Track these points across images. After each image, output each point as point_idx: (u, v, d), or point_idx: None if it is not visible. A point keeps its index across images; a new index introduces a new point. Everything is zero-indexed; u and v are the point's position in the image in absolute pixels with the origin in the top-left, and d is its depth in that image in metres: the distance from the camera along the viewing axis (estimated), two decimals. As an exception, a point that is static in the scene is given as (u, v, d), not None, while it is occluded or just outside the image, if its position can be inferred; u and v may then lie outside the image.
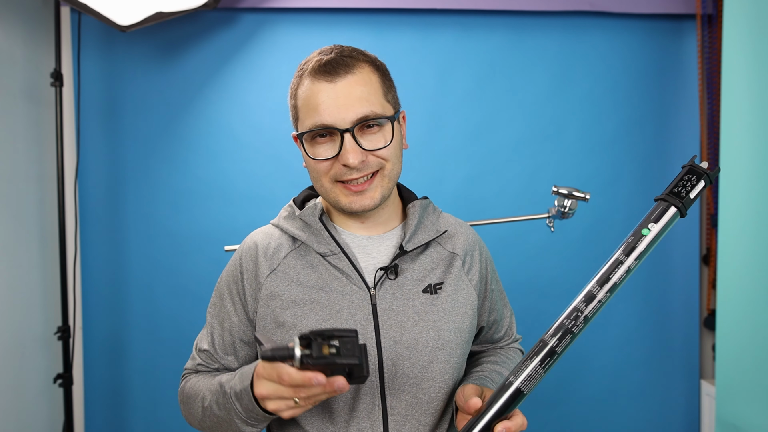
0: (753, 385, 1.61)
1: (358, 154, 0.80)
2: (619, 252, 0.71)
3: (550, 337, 0.71)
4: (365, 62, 0.84)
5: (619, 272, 0.70)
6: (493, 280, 1.00)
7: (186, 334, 2.08)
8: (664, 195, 0.71)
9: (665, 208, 0.70)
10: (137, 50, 2.06)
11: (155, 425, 2.10)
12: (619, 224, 2.15)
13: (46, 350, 2.01)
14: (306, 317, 0.84)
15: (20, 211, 1.91)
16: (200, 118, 2.08)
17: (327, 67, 0.81)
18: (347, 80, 0.80)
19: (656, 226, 0.70)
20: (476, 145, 2.11)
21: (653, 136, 2.16)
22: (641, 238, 0.70)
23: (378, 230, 0.92)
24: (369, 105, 0.80)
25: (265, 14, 2.07)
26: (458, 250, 0.94)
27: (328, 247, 0.87)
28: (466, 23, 2.10)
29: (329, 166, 0.83)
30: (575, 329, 0.71)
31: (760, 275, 1.58)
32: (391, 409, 0.84)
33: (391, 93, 0.87)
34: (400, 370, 0.84)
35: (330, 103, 0.80)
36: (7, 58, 1.86)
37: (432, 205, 0.97)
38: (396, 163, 0.86)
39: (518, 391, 0.70)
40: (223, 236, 2.07)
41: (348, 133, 0.80)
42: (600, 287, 0.71)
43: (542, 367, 0.70)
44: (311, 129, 0.81)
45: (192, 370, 0.96)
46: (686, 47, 2.14)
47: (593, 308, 0.71)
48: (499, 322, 1.04)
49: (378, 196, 0.84)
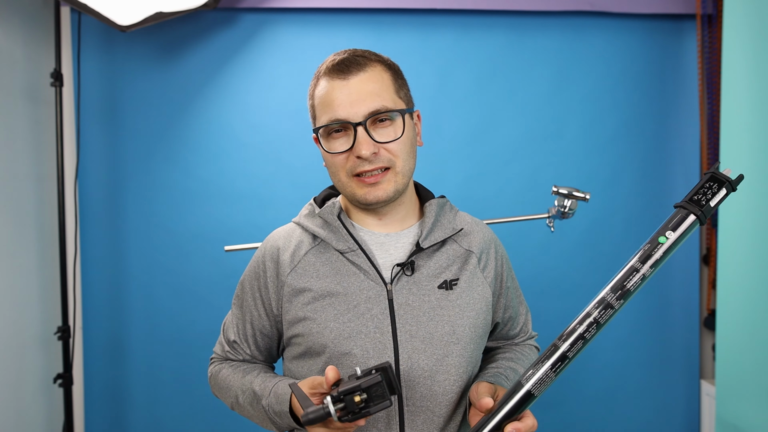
0: (753, 385, 1.61)
1: (371, 146, 0.84)
2: (634, 259, 0.70)
3: (562, 342, 0.71)
4: (377, 61, 0.89)
5: (634, 280, 0.69)
6: (508, 277, 1.03)
7: (186, 334, 2.09)
8: (684, 202, 0.70)
9: (684, 215, 0.69)
10: (137, 50, 2.06)
11: (155, 425, 2.10)
12: (619, 224, 2.16)
13: (46, 350, 2.01)
14: (325, 312, 0.88)
15: (20, 211, 1.91)
16: (200, 118, 2.08)
17: (340, 65, 0.86)
18: (359, 77, 0.85)
19: (674, 234, 0.69)
20: (476, 145, 2.11)
21: (653, 136, 2.16)
22: (658, 246, 0.69)
23: (395, 227, 0.95)
24: (380, 100, 0.85)
25: (265, 14, 2.07)
26: (474, 247, 0.97)
27: (346, 244, 0.91)
28: (466, 23, 2.10)
29: (345, 160, 0.87)
30: (587, 335, 0.70)
31: (760, 275, 1.58)
32: (407, 400, 0.87)
33: (403, 90, 0.92)
34: (415, 363, 0.87)
35: (343, 98, 0.85)
36: (7, 58, 1.86)
37: (449, 203, 1.01)
38: (407, 159, 0.89)
39: (529, 393, 0.71)
40: (223, 236, 2.07)
41: (361, 126, 0.84)
42: (614, 294, 0.70)
43: (553, 371, 0.70)
44: (327, 124, 0.87)
45: (221, 357, 1.03)
46: (686, 47, 2.14)
47: (607, 315, 0.70)
48: (515, 319, 1.06)
49: (391, 189, 0.88)
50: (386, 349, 0.86)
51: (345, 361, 0.86)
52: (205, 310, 2.08)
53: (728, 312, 1.71)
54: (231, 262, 2.06)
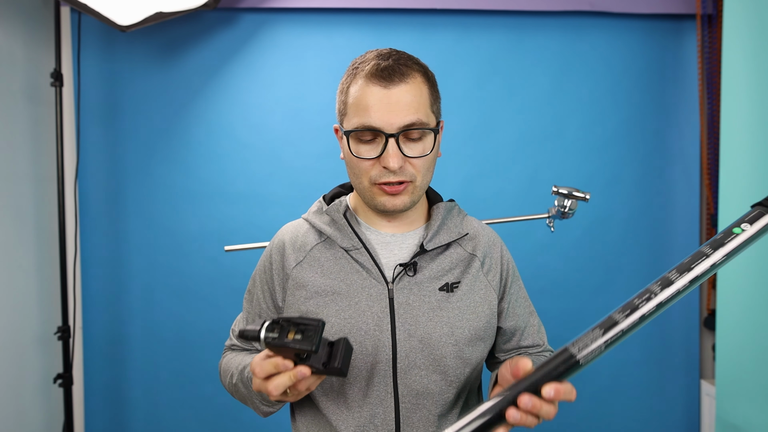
0: (753, 385, 1.61)
1: (399, 159, 0.85)
2: (705, 246, 0.68)
3: (624, 317, 0.66)
4: (418, 72, 0.88)
5: (702, 265, 0.66)
6: (513, 283, 1.02)
7: (186, 334, 2.09)
8: (764, 200, 0.68)
9: (762, 212, 0.67)
10: (137, 50, 2.06)
11: (155, 425, 2.10)
12: (619, 224, 2.16)
13: (45, 350, 2.01)
14: (327, 307, 0.89)
15: (20, 211, 1.91)
16: (200, 118, 2.08)
17: (384, 72, 0.85)
18: (400, 88, 0.84)
19: (750, 227, 0.67)
20: (476, 145, 2.11)
21: (653, 136, 2.16)
22: (732, 237, 0.67)
23: (403, 229, 0.96)
24: (416, 114, 0.85)
25: (265, 14, 2.07)
26: (478, 251, 0.97)
27: (351, 242, 0.92)
28: (466, 23, 2.10)
29: (370, 167, 0.87)
30: (647, 312, 0.66)
31: (760, 275, 1.58)
32: (402, 397, 0.88)
33: (436, 104, 0.92)
34: (412, 362, 0.88)
35: (380, 107, 0.84)
36: (7, 58, 1.86)
37: (458, 208, 1.01)
38: (426, 174, 0.90)
39: (576, 361, 0.65)
40: (223, 236, 2.07)
41: (393, 138, 0.84)
42: (679, 275, 0.66)
43: (605, 344, 0.65)
44: (358, 128, 0.85)
45: (228, 348, 1.06)
46: (686, 47, 2.14)
47: (668, 295, 0.66)
48: (524, 329, 1.04)
49: (408, 201, 0.90)
50: (384, 347, 0.88)
51: None
52: (204, 310, 2.08)
53: (728, 312, 1.70)
54: (231, 262, 2.06)
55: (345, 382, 0.89)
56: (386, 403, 0.88)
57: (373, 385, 0.88)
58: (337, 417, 0.89)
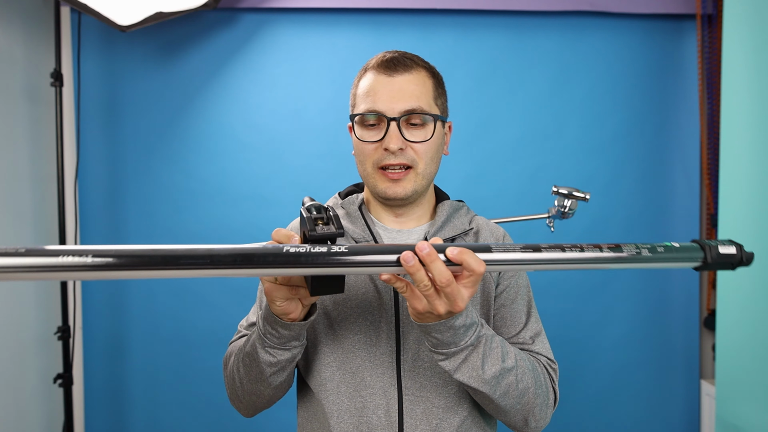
0: (753, 385, 1.61)
1: (399, 141, 0.89)
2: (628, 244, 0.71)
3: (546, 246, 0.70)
4: (423, 67, 0.95)
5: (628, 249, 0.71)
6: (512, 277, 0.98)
7: (186, 334, 2.09)
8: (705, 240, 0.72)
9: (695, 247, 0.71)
10: (137, 50, 2.06)
11: (155, 425, 2.10)
12: (619, 224, 2.15)
13: (45, 350, 2.01)
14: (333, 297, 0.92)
15: (20, 211, 1.91)
16: (200, 118, 2.08)
17: (389, 63, 0.92)
18: (404, 77, 0.91)
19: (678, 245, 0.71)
20: (476, 145, 2.11)
21: (653, 136, 2.16)
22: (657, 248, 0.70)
23: (410, 225, 0.99)
24: (418, 101, 0.90)
25: (265, 14, 2.07)
26: (480, 241, 0.99)
27: (362, 233, 0.95)
28: (466, 23, 2.10)
29: (373, 150, 0.91)
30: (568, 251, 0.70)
31: (760, 275, 1.58)
32: (406, 389, 0.89)
33: (441, 99, 0.96)
34: (415, 353, 0.89)
35: (384, 92, 0.90)
36: (7, 58, 1.86)
37: (466, 207, 1.03)
38: (430, 164, 0.93)
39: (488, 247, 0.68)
40: (223, 236, 2.07)
41: (394, 121, 0.88)
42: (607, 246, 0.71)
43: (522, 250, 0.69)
44: (363, 112, 0.91)
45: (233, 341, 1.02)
46: (686, 47, 2.14)
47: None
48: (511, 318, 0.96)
49: (410, 188, 0.92)
50: (389, 338, 0.89)
51: (347, 345, 0.89)
52: (205, 310, 2.08)
53: (728, 312, 1.70)
54: (231, 262, 2.06)
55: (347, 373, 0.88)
56: (389, 395, 0.88)
57: (377, 377, 0.89)
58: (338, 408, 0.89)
